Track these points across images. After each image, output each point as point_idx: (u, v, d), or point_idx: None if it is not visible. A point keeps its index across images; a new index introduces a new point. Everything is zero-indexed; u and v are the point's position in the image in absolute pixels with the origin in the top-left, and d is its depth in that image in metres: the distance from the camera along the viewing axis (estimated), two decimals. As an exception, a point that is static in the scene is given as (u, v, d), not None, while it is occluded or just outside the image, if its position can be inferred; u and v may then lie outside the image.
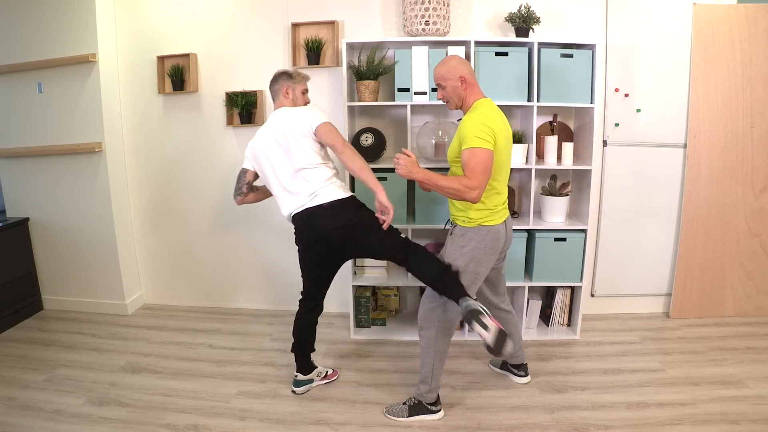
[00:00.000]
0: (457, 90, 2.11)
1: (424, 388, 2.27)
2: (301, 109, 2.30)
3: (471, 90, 2.13)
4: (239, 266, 3.51)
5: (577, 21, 3.02)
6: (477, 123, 2.01)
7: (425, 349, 2.24)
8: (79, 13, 3.08)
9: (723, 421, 2.22)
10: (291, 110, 2.29)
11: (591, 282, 3.32)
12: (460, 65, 2.12)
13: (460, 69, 2.10)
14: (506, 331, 2.08)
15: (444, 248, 2.32)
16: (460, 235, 2.20)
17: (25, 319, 3.39)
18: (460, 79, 2.09)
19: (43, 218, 3.46)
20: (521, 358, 2.56)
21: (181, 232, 3.52)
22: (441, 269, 2.11)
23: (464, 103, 2.15)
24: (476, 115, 2.04)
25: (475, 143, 1.97)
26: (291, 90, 2.36)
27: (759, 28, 2.98)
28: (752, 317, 3.24)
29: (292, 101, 2.37)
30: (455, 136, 2.13)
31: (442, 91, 2.15)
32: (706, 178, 3.12)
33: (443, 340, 2.22)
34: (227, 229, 3.46)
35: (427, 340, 2.23)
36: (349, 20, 3.09)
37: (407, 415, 2.28)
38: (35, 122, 3.30)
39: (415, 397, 2.30)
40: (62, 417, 2.33)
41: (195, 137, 3.36)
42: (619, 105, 3.07)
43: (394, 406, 2.33)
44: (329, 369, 2.65)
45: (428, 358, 2.23)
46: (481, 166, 1.97)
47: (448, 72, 2.10)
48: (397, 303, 3.33)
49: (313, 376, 2.56)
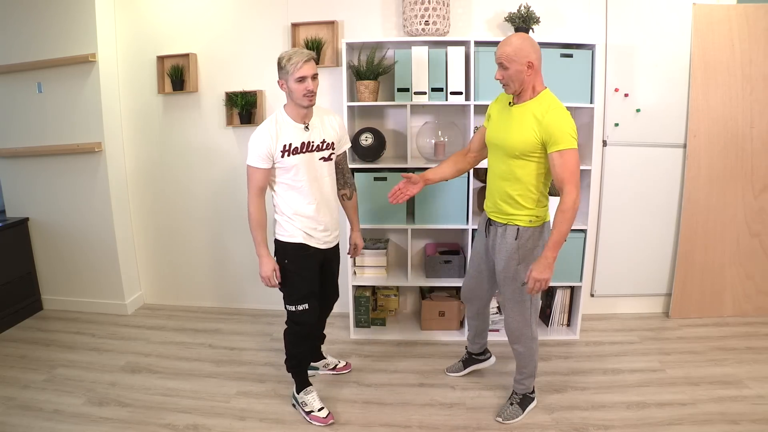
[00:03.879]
0: (521, 75, 1.93)
1: (529, 381, 2.30)
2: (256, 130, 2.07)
3: (536, 77, 1.97)
4: (239, 266, 3.51)
5: (577, 21, 3.02)
6: (568, 121, 1.90)
7: (526, 354, 2.23)
8: (79, 13, 3.08)
9: (723, 421, 2.23)
10: (257, 129, 2.08)
11: (591, 282, 3.32)
12: (532, 48, 1.92)
13: (529, 53, 1.91)
14: (484, 327, 2.35)
15: (496, 257, 2.15)
16: (527, 238, 2.06)
17: (24, 319, 3.39)
18: (527, 63, 1.91)
19: (42, 218, 3.46)
20: (484, 346, 2.61)
21: (181, 232, 3.52)
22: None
23: (525, 89, 1.98)
24: (563, 113, 1.92)
25: (571, 144, 1.86)
26: (285, 83, 2.03)
27: (759, 28, 2.98)
28: (752, 317, 3.24)
29: (289, 98, 2.07)
30: (522, 125, 1.96)
31: (504, 72, 1.96)
32: (706, 178, 3.12)
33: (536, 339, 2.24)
34: (227, 229, 3.46)
35: (526, 347, 2.22)
36: (348, 20, 3.09)
37: (522, 412, 2.29)
38: (35, 122, 3.29)
39: (518, 393, 2.32)
40: (62, 417, 2.33)
41: (195, 137, 3.36)
42: (618, 105, 3.07)
43: (503, 410, 2.29)
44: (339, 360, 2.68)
45: (532, 358, 2.25)
46: (577, 166, 1.88)
47: (516, 53, 1.90)
48: (397, 303, 3.33)
49: (319, 364, 2.61)
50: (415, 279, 3.08)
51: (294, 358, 2.32)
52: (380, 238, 3.24)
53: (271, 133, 2.05)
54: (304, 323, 2.25)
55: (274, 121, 2.08)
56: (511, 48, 1.92)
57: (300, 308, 2.21)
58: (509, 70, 1.94)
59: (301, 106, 2.07)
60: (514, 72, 1.93)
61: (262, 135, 2.05)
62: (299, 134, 2.10)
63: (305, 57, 1.98)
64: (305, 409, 2.30)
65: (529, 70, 1.93)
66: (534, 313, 2.19)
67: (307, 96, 2.02)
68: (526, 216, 2.06)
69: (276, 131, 2.06)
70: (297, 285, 2.21)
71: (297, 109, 2.08)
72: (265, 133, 2.05)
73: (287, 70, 1.99)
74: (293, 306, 2.22)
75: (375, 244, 3.10)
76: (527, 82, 1.96)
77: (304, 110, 2.09)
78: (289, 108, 2.11)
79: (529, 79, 1.96)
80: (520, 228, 2.07)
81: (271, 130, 2.06)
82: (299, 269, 2.20)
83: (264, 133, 2.05)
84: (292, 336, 2.29)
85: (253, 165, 2.08)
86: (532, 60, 1.91)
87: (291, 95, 2.05)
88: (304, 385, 2.35)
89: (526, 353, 2.23)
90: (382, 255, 3.07)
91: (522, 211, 2.06)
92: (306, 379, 2.36)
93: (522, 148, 1.97)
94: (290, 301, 2.23)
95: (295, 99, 2.04)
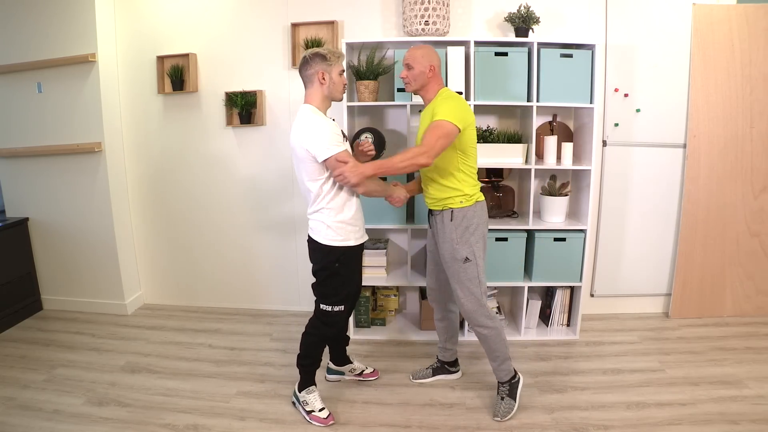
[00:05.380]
0: (423, 76, 2.16)
1: (507, 365, 2.31)
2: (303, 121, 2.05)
3: (435, 80, 2.19)
4: (239, 266, 3.51)
5: (577, 21, 3.02)
6: (455, 103, 2.10)
7: (491, 336, 2.25)
8: (79, 13, 3.08)
9: (722, 421, 2.22)
10: (298, 121, 2.07)
11: (590, 282, 3.32)
12: (433, 54, 2.18)
13: (431, 58, 2.17)
14: (453, 330, 2.42)
15: (440, 243, 2.26)
16: (461, 218, 2.19)
17: (24, 319, 3.39)
18: (430, 67, 2.15)
19: (42, 218, 3.46)
20: (456, 353, 2.62)
21: (180, 231, 3.52)
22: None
23: (425, 90, 2.20)
24: (454, 102, 2.12)
25: (447, 116, 2.03)
26: (327, 75, 2.09)
27: (759, 28, 2.98)
28: (752, 317, 3.24)
29: (328, 89, 2.11)
30: (426, 121, 2.17)
31: (408, 72, 2.19)
32: (706, 178, 3.12)
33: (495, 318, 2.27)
34: (227, 228, 3.46)
35: (487, 328, 2.24)
36: (348, 20, 3.09)
37: (515, 404, 2.31)
38: (35, 122, 3.30)
39: (503, 383, 2.33)
40: (62, 417, 2.33)
41: (194, 137, 3.36)
42: (618, 105, 3.07)
43: (497, 408, 2.31)
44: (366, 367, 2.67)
45: (500, 337, 2.26)
46: (439, 131, 2.02)
47: (422, 56, 2.15)
48: (397, 303, 3.33)
49: (345, 369, 2.62)
50: (415, 279, 3.08)
51: (309, 357, 2.30)
52: (380, 238, 3.24)
53: (327, 120, 2.08)
54: (336, 324, 2.26)
55: (319, 114, 2.09)
56: (419, 51, 2.18)
57: (336, 309, 2.22)
58: (414, 70, 2.17)
59: (335, 99, 2.18)
60: (418, 72, 2.16)
61: (323, 123, 2.04)
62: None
63: (343, 55, 2.18)
64: (306, 408, 2.30)
65: (430, 73, 2.16)
66: (483, 293, 2.23)
67: (344, 88, 2.19)
68: (456, 197, 2.20)
69: (327, 120, 2.10)
70: (340, 286, 2.21)
71: (327, 102, 2.16)
72: (324, 121, 2.06)
73: (332, 63, 2.09)
74: (330, 306, 2.21)
75: (375, 244, 3.10)
76: (428, 84, 2.19)
77: (330, 105, 2.19)
78: (318, 102, 2.13)
79: (430, 81, 2.18)
80: (454, 210, 2.21)
81: (324, 118, 2.09)
82: (349, 271, 2.22)
83: (323, 121, 2.05)
84: (317, 337, 2.27)
85: (335, 151, 2.01)
86: (434, 64, 2.17)
87: (331, 87, 2.11)
88: (309, 383, 2.34)
89: (491, 335, 2.24)
90: (382, 255, 3.07)
91: (450, 193, 2.20)
92: (312, 379, 2.35)
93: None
94: (328, 302, 2.22)
95: (333, 91, 2.13)
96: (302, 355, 2.31)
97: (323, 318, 2.24)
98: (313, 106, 2.11)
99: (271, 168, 3.31)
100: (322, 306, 2.23)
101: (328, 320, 2.24)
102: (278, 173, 3.30)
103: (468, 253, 2.19)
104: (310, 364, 2.31)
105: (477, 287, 2.21)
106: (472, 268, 2.19)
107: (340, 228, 2.14)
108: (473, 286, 2.21)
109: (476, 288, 2.21)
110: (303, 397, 2.32)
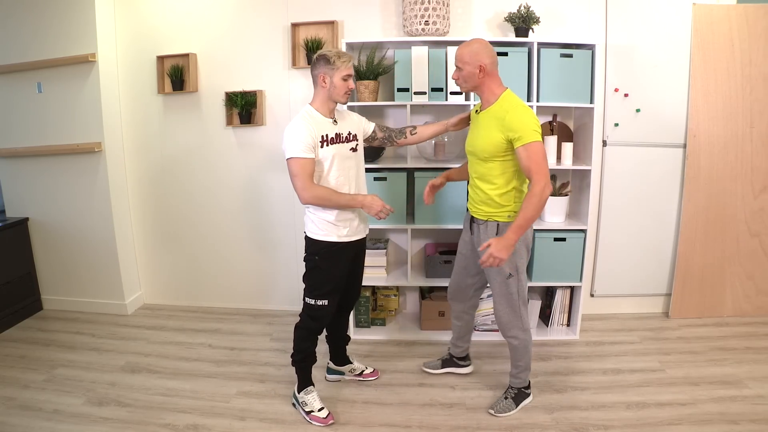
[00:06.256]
0: (473, 77, 2.04)
1: (525, 375, 2.33)
2: (291, 125, 2.09)
3: (490, 80, 2.06)
4: (239, 266, 3.51)
5: (577, 21, 3.02)
6: (530, 116, 1.98)
7: (519, 347, 2.27)
8: (79, 13, 3.08)
9: (722, 421, 2.23)
10: (292, 123, 2.10)
11: (590, 282, 3.32)
12: (483, 52, 2.03)
13: (481, 56, 2.02)
14: (467, 330, 2.44)
15: (480, 252, 2.14)
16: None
17: (24, 319, 3.39)
18: (479, 66, 2.02)
19: (42, 218, 3.46)
20: (467, 350, 2.64)
21: (180, 231, 3.52)
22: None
23: (481, 92, 2.10)
24: (523, 110, 2.00)
25: (534, 137, 1.94)
26: (328, 78, 2.09)
27: (759, 28, 2.98)
28: (752, 317, 3.24)
29: (328, 92, 2.11)
30: (488, 129, 2.05)
31: (458, 73, 2.09)
32: (706, 178, 3.12)
33: (528, 331, 2.29)
34: (227, 228, 3.46)
35: (518, 339, 2.26)
36: (348, 20, 3.09)
37: (515, 409, 2.32)
38: (35, 122, 3.30)
39: (513, 388, 2.35)
40: (62, 417, 2.33)
41: (194, 137, 3.36)
42: (618, 105, 3.07)
43: (497, 404, 2.33)
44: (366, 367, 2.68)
45: (527, 350, 2.28)
46: (538, 156, 1.93)
47: (469, 56, 2.03)
48: (397, 303, 3.33)
49: (345, 369, 2.63)
50: (415, 279, 3.08)
51: (300, 352, 2.32)
52: (380, 238, 3.24)
53: (308, 124, 2.08)
54: (320, 319, 2.28)
55: (307, 116, 2.13)
56: (466, 50, 2.05)
57: (320, 303, 2.24)
58: (463, 72, 2.06)
59: (336, 102, 2.17)
60: (467, 74, 2.05)
61: (300, 126, 2.07)
62: (331, 127, 2.16)
63: (351, 58, 2.13)
64: (305, 408, 2.30)
65: (480, 73, 2.03)
66: (522, 304, 2.23)
67: (347, 93, 2.14)
68: (505, 212, 2.14)
69: (311, 123, 2.10)
70: (322, 280, 2.23)
71: (329, 104, 2.16)
72: (303, 125, 2.07)
73: (336, 66, 2.07)
74: (313, 300, 2.24)
75: (375, 244, 3.10)
76: (481, 86, 2.08)
77: (334, 106, 2.19)
78: (319, 104, 2.16)
79: (482, 82, 2.06)
80: (500, 223, 2.15)
81: (307, 122, 2.09)
82: (329, 266, 2.23)
83: (302, 124, 2.07)
84: (303, 330, 2.30)
85: (299, 156, 2.04)
86: (484, 63, 2.02)
87: (331, 90, 2.11)
88: (306, 383, 2.34)
89: (520, 345, 2.27)
90: (382, 255, 3.07)
91: (500, 209, 2.14)
92: (309, 378, 2.36)
93: (491, 150, 2.06)
94: (311, 295, 2.25)
95: (334, 94, 2.12)
96: (294, 351, 2.34)
97: (309, 311, 2.28)
98: (313, 107, 2.16)
99: (271, 168, 3.31)
100: (307, 299, 2.27)
101: (312, 314, 2.27)
102: (278, 173, 3.30)
103: (511, 269, 2.16)
104: (302, 360, 2.33)
105: (517, 300, 2.21)
106: (513, 283, 2.18)
107: (321, 223, 2.19)
108: (513, 300, 2.21)
109: (515, 301, 2.21)
110: (302, 398, 2.33)
